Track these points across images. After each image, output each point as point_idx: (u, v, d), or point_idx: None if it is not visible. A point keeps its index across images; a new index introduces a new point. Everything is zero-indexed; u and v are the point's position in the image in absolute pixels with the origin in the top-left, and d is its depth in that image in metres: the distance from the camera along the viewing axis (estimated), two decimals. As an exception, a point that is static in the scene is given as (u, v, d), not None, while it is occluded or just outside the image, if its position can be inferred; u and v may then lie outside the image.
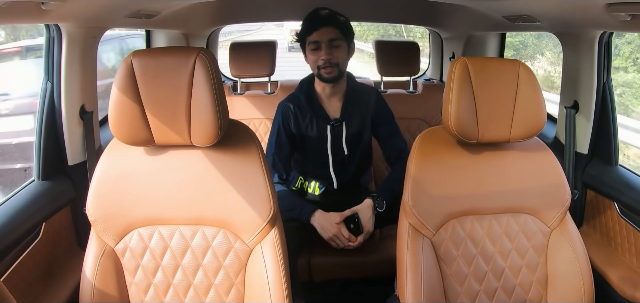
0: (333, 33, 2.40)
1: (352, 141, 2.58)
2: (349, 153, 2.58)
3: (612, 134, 2.35)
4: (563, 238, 1.83)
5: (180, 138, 1.65)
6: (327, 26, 2.40)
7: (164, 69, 1.60)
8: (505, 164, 1.87)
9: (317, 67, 2.45)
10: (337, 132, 2.56)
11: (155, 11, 2.43)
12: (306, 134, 2.57)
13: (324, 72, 2.44)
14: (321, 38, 2.40)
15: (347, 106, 2.56)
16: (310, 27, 2.42)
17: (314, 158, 2.61)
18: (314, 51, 2.44)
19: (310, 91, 2.57)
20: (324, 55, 2.40)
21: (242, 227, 1.71)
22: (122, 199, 1.72)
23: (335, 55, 2.42)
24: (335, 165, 2.59)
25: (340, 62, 2.44)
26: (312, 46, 2.44)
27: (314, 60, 2.45)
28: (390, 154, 2.60)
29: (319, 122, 2.55)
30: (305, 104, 2.55)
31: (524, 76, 1.77)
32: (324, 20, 2.41)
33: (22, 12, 1.59)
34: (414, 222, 1.81)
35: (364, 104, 2.60)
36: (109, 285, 1.71)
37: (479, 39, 3.56)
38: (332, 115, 2.57)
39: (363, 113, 2.60)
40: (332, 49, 2.41)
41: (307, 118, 2.55)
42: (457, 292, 1.82)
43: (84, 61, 2.15)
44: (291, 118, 2.56)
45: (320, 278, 2.60)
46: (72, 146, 2.20)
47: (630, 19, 1.66)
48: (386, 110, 2.65)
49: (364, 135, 2.62)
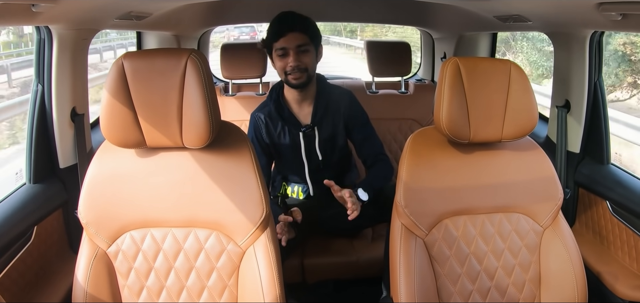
0: (301, 39, 2.34)
1: (325, 145, 2.55)
2: (323, 158, 2.55)
3: (604, 133, 2.36)
4: (555, 237, 1.84)
5: (171, 139, 1.64)
6: (294, 32, 2.33)
7: (155, 70, 1.59)
8: (497, 164, 1.87)
9: (284, 73, 2.39)
10: (310, 138, 2.52)
11: (146, 13, 2.42)
12: (279, 142, 2.54)
13: (292, 79, 2.38)
14: (288, 44, 2.34)
15: (318, 111, 2.51)
16: (277, 33, 2.35)
17: (290, 165, 2.59)
18: (281, 57, 2.37)
19: (279, 98, 2.52)
20: (292, 61, 2.34)
21: (234, 229, 1.70)
22: (114, 202, 1.71)
23: (304, 60, 2.36)
24: (311, 171, 2.57)
25: (309, 68, 2.38)
26: (279, 52, 2.37)
27: (282, 66, 2.38)
28: (366, 158, 2.56)
29: (290, 129, 2.51)
30: (275, 112, 2.51)
31: (515, 76, 1.78)
32: (291, 26, 2.34)
33: (12, 14, 1.58)
34: (407, 222, 1.81)
35: (335, 106, 2.55)
36: (101, 289, 1.70)
37: (471, 39, 3.57)
38: (303, 121, 2.53)
39: (334, 116, 2.55)
40: (300, 54, 2.36)
41: (279, 126, 2.52)
42: (451, 292, 1.82)
43: (74, 63, 2.14)
44: (263, 128, 2.53)
45: (313, 279, 2.60)
46: (64, 149, 2.19)
47: (621, 18, 1.67)
48: (360, 112, 2.60)
49: (339, 139, 2.58)
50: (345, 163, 2.70)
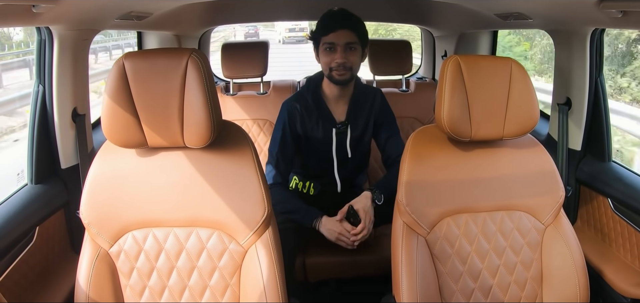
0: (350, 36, 2.35)
1: (355, 143, 2.56)
2: (351, 155, 2.56)
3: (605, 130, 2.36)
4: (557, 235, 1.84)
5: (173, 139, 1.64)
6: (345, 29, 2.34)
7: (156, 70, 1.59)
8: (498, 162, 1.87)
9: (329, 68, 2.39)
10: (342, 135, 2.53)
11: (146, 12, 2.42)
12: (311, 135, 2.53)
13: (336, 75, 2.38)
14: (337, 40, 2.34)
15: (353, 109, 2.53)
16: (328, 27, 2.36)
17: (317, 160, 2.58)
18: (329, 52, 2.37)
19: (318, 91, 2.53)
20: (339, 58, 2.35)
21: (236, 228, 1.71)
22: (115, 202, 1.72)
23: (351, 59, 2.37)
24: (339, 168, 2.58)
25: (353, 66, 2.39)
26: (327, 46, 2.37)
27: (328, 61, 2.38)
28: (390, 155, 2.56)
29: (324, 124, 2.51)
30: (312, 104, 2.51)
31: (516, 74, 1.78)
32: (342, 23, 2.35)
33: (12, 15, 1.58)
34: (408, 221, 1.81)
35: (369, 105, 2.58)
36: (103, 289, 1.70)
37: (471, 37, 3.57)
38: (338, 118, 2.54)
39: (367, 115, 2.57)
40: (348, 52, 2.36)
41: (313, 118, 2.51)
42: (453, 290, 1.82)
43: (75, 63, 2.14)
44: (297, 118, 2.51)
45: (315, 278, 2.60)
46: (65, 149, 2.19)
47: (622, 15, 1.67)
48: (389, 112, 2.62)
49: (366, 137, 2.60)
50: (364, 162, 2.73)
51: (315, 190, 2.63)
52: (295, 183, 2.66)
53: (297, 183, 2.66)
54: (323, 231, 2.34)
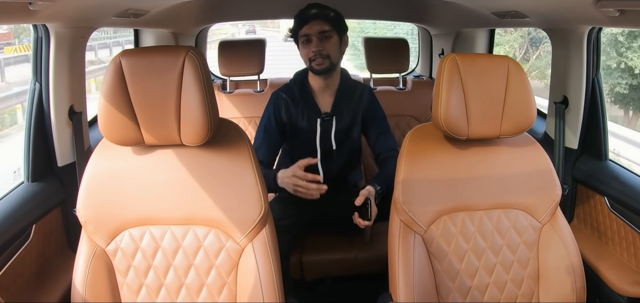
0: (323, 25, 2.44)
1: (340, 136, 2.59)
2: (337, 147, 2.59)
3: (602, 129, 2.36)
4: (554, 233, 1.84)
5: (170, 137, 1.64)
6: (317, 20, 2.45)
7: (153, 68, 1.59)
8: (495, 160, 1.87)
9: (308, 60, 2.49)
10: (327, 126, 2.57)
11: (143, 10, 2.41)
12: (296, 124, 2.58)
13: (315, 64, 2.47)
14: (311, 31, 2.45)
15: (339, 101, 2.58)
16: (302, 21, 2.47)
17: (302, 150, 2.59)
18: (305, 44, 2.48)
19: (304, 83, 2.59)
20: (314, 47, 2.44)
21: (233, 226, 1.70)
22: (112, 199, 1.71)
23: (326, 47, 2.45)
24: (323, 159, 2.59)
25: (331, 54, 2.47)
26: (303, 39, 2.49)
27: (306, 53, 2.48)
28: (380, 153, 2.59)
29: (309, 114, 2.56)
30: (298, 95, 2.57)
31: (513, 72, 1.78)
32: (314, 15, 2.45)
33: (9, 12, 1.57)
34: (405, 219, 1.81)
35: (356, 100, 2.62)
36: (100, 287, 1.70)
37: (468, 36, 3.57)
38: (324, 109, 2.58)
39: (354, 109, 2.61)
40: (323, 41, 2.45)
41: (299, 108, 2.57)
42: (449, 288, 1.82)
43: (72, 61, 2.14)
44: (283, 106, 2.58)
45: (312, 276, 2.60)
46: (62, 147, 2.18)
47: (619, 14, 1.67)
48: (378, 108, 2.66)
49: (354, 131, 2.63)
50: (354, 158, 2.74)
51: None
52: None
53: None
54: (283, 185, 2.33)
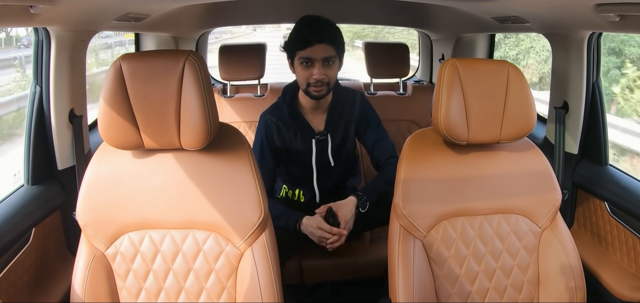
0: (328, 51, 2.24)
1: (337, 151, 2.51)
2: (335, 163, 2.51)
3: (602, 134, 2.36)
4: (554, 238, 1.84)
5: (169, 141, 1.64)
6: (322, 43, 2.23)
7: (153, 72, 1.59)
8: (495, 165, 1.87)
9: (307, 83, 2.30)
10: (323, 145, 2.47)
11: (144, 14, 2.41)
12: (291, 147, 2.47)
13: (314, 90, 2.30)
14: (315, 55, 2.24)
15: (332, 117, 2.46)
16: (304, 41, 2.24)
17: (298, 169, 2.54)
18: (305, 67, 2.28)
19: (293, 102, 2.45)
20: (318, 74, 2.25)
21: (232, 231, 1.70)
22: (112, 203, 1.71)
23: (329, 73, 2.28)
24: (320, 177, 2.52)
25: (331, 81, 2.31)
26: (303, 61, 2.27)
27: (305, 76, 2.28)
28: (378, 160, 2.51)
29: (303, 134, 2.46)
30: (288, 116, 2.43)
31: (513, 77, 1.78)
32: (320, 36, 2.23)
33: (10, 15, 1.58)
34: (405, 224, 1.81)
35: (348, 111, 2.50)
36: (99, 291, 1.70)
37: (469, 41, 3.56)
38: (317, 128, 2.47)
39: (346, 122, 2.50)
40: (326, 67, 2.27)
41: (291, 130, 2.45)
42: (449, 293, 1.82)
43: (72, 64, 2.14)
44: (274, 131, 2.45)
45: (311, 280, 2.60)
46: (62, 151, 2.18)
47: (619, 20, 1.67)
48: (372, 114, 2.54)
49: (348, 143, 2.54)
50: (351, 167, 2.67)
51: (305, 197, 2.60)
52: (285, 191, 2.64)
53: (286, 192, 2.64)
54: (305, 231, 2.31)
